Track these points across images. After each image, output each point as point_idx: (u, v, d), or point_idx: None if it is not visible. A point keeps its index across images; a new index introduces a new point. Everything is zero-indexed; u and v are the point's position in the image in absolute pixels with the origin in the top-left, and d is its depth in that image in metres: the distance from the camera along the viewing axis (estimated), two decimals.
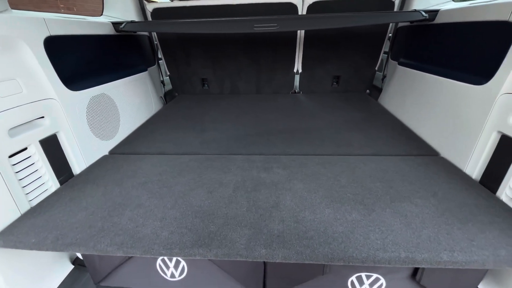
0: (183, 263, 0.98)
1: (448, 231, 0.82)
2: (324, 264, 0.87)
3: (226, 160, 1.30)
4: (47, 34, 1.16)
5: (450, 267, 0.73)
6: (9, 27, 1.01)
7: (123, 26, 1.65)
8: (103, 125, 1.46)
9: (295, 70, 2.34)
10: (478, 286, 0.94)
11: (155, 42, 2.33)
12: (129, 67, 1.85)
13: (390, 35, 2.19)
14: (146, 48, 2.19)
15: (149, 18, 2.11)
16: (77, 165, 1.26)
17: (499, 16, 1.08)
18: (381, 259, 0.74)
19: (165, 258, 0.98)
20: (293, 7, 1.97)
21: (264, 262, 0.93)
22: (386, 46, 2.25)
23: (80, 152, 1.27)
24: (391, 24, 2.10)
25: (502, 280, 0.93)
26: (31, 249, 0.86)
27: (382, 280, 0.88)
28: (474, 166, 1.12)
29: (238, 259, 0.78)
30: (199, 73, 2.42)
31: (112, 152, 1.46)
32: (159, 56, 2.42)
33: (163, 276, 1.01)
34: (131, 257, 0.98)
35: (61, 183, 1.16)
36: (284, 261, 0.77)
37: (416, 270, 0.85)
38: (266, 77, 2.40)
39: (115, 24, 1.71)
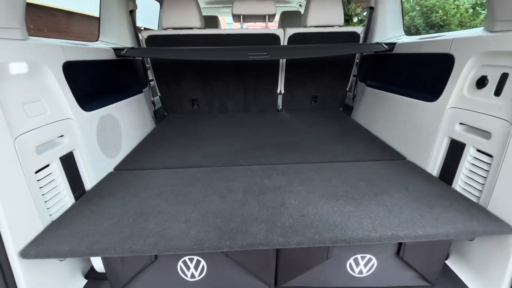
0: (203, 262, 1.08)
1: (420, 214, 1.04)
2: (327, 250, 1.04)
3: (229, 171, 1.45)
4: (64, 59, 1.27)
5: (424, 240, 0.95)
6: (35, 54, 1.11)
7: (125, 52, 1.79)
8: (109, 143, 1.54)
9: (278, 91, 2.60)
10: (447, 261, 1.17)
11: (147, 65, 2.47)
12: (129, 89, 1.96)
13: (357, 61, 2.56)
14: (140, 71, 2.31)
15: (143, 45, 2.26)
16: (89, 181, 1.32)
17: (442, 49, 1.42)
18: (373, 238, 0.93)
19: (186, 259, 1.07)
20: (276, 38, 2.26)
21: (276, 254, 1.07)
22: (354, 70, 2.62)
23: (91, 169, 1.34)
24: None
25: (463, 251, 1.17)
26: (65, 257, 0.92)
27: (374, 260, 1.07)
28: (434, 165, 1.40)
29: (259, 248, 0.92)
30: (189, 94, 2.57)
31: (118, 168, 1.53)
32: (150, 78, 2.55)
33: (183, 278, 1.10)
34: (154, 261, 1.06)
35: (75, 198, 1.22)
36: (298, 246, 0.93)
37: (399, 249, 1.05)
38: (252, 97, 2.63)
39: (116, 50, 1.83)
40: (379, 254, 1.06)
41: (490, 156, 1.10)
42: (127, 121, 1.81)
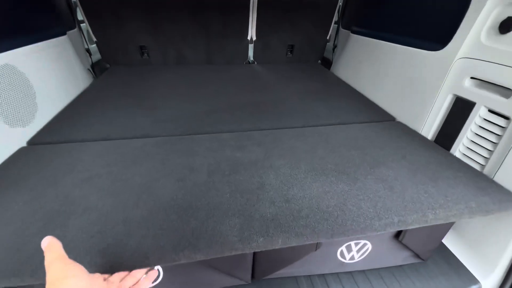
0: (157, 267, 0.82)
1: (425, 190, 0.86)
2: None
3: (190, 142, 1.12)
4: None
5: (434, 223, 0.78)
6: None
7: None
8: (14, 107, 1.08)
9: (248, 38, 2.16)
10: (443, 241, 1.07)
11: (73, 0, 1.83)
12: (40, 29, 1.40)
13: (340, 4, 2.18)
14: (61, 5, 1.69)
15: None
16: None
17: None
18: (378, 227, 0.73)
19: None
20: None
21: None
22: (336, 16, 2.24)
23: None
24: None
25: (461, 232, 1.06)
26: None
27: (369, 245, 0.90)
28: (429, 128, 1.22)
29: (233, 254, 0.67)
30: (136, 40, 2.02)
31: (33, 142, 1.11)
32: (80, 17, 1.92)
33: None
34: None
35: None
36: (284, 246, 0.70)
37: (399, 232, 0.89)
38: (217, 45, 2.17)
39: None
40: (375, 239, 0.89)
41: (507, 118, 0.92)
42: (43, 75, 1.31)
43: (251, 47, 2.25)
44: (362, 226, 0.73)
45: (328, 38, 2.34)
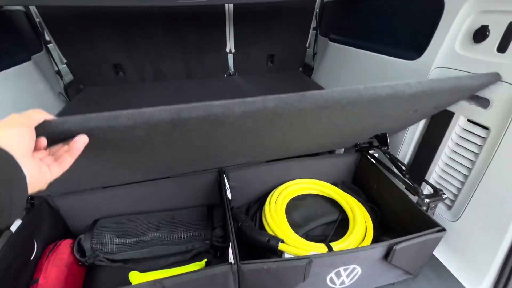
0: None
1: None
2: (305, 268, 0.79)
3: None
4: None
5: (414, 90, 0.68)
6: None
7: None
8: None
9: (227, 50, 2.12)
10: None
11: (37, 20, 1.73)
12: (3, 57, 1.30)
13: (317, 10, 2.17)
14: (24, 29, 1.60)
15: None
16: None
17: None
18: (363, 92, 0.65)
19: None
20: None
21: (238, 282, 0.80)
22: (314, 22, 2.23)
23: None
24: None
25: (451, 242, 1.04)
26: None
27: (358, 269, 0.87)
28: (411, 138, 1.21)
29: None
30: (109, 58, 1.94)
31: None
32: (47, 38, 1.82)
33: None
34: None
35: None
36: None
37: (387, 254, 0.86)
38: (196, 58, 2.11)
39: None
40: (364, 262, 0.86)
41: (486, 128, 0.91)
42: (3, 107, 1.22)
43: (231, 58, 2.21)
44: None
45: (307, 45, 2.33)
